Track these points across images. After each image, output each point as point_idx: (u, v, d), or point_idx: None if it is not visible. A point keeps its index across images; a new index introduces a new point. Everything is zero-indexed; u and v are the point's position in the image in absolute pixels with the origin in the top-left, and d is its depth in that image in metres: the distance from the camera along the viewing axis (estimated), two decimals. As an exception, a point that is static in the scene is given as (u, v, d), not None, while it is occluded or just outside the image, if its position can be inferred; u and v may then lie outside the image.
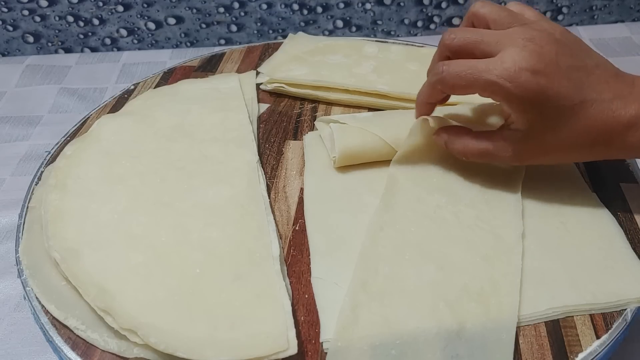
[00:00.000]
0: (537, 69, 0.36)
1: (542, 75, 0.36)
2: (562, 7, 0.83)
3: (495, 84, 0.37)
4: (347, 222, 0.43)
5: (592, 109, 0.36)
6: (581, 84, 0.37)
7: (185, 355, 0.32)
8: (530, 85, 0.36)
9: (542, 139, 0.38)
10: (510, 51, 0.37)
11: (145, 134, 0.50)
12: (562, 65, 0.37)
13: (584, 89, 0.37)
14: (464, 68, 0.38)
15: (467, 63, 0.38)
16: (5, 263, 0.48)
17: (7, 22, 0.79)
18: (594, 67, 0.38)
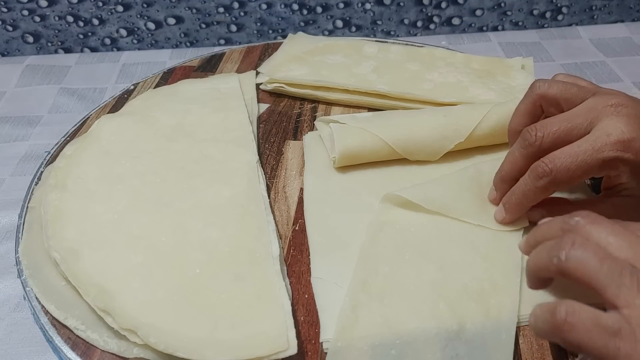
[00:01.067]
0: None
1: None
2: (562, 7, 0.83)
3: (615, 160, 0.34)
4: (347, 222, 0.43)
5: None
6: None
7: (185, 356, 0.32)
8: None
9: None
10: (608, 122, 0.35)
11: (145, 134, 0.50)
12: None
13: None
14: (571, 159, 0.35)
15: (569, 152, 0.35)
16: (5, 263, 0.48)
17: (6, 22, 0.79)
18: None
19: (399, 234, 0.41)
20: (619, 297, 0.25)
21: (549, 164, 0.36)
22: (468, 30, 0.84)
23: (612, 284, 0.26)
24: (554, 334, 0.27)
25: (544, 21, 0.84)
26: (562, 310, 0.26)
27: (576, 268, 0.27)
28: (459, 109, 0.49)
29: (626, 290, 0.25)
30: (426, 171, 0.47)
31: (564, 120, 0.36)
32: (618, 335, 0.24)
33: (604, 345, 0.25)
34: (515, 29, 0.85)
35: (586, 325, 0.25)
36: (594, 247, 0.27)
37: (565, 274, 0.27)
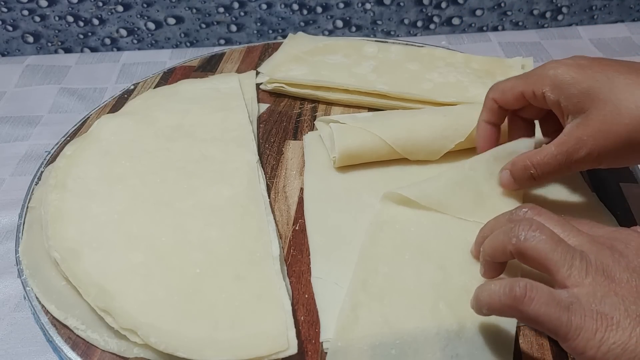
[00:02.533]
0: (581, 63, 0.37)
1: (587, 67, 0.36)
2: (562, 7, 0.83)
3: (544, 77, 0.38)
4: (347, 222, 0.43)
5: None
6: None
7: (185, 355, 0.32)
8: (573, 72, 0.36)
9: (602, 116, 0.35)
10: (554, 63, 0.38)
11: (145, 134, 0.50)
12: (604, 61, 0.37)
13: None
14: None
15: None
16: (5, 263, 0.48)
17: (7, 22, 0.79)
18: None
19: (398, 234, 0.41)
20: (570, 277, 0.28)
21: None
22: (468, 30, 0.84)
23: (564, 265, 0.28)
24: (511, 308, 0.29)
25: (544, 21, 0.84)
26: (522, 285, 0.28)
27: (534, 248, 0.29)
28: (459, 109, 0.49)
29: (576, 271, 0.28)
30: (426, 171, 0.47)
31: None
32: (570, 309, 0.27)
33: (557, 317, 0.27)
34: (515, 29, 0.85)
35: (543, 299, 0.28)
36: (549, 231, 0.30)
37: (522, 254, 0.30)
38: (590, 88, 0.35)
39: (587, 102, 0.35)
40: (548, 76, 0.37)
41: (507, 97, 0.41)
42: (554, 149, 0.37)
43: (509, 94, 0.41)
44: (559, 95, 0.37)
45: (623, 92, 0.34)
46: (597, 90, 0.35)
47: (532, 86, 0.39)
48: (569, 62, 0.37)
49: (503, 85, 0.41)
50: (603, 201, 0.44)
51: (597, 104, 0.35)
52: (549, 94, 0.37)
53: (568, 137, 0.36)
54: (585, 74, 0.36)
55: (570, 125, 0.36)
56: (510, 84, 0.41)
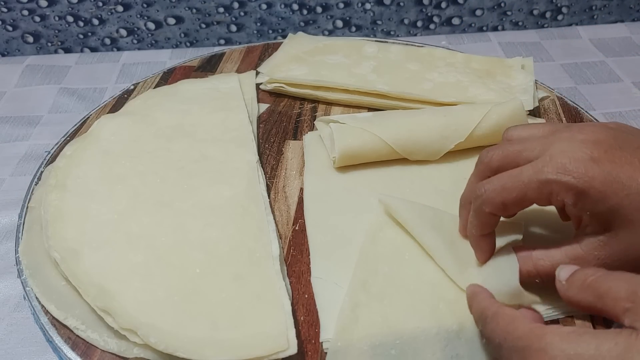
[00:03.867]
0: (596, 156, 0.30)
1: (606, 161, 0.30)
2: (562, 7, 0.83)
3: (552, 183, 0.31)
4: (347, 222, 0.43)
5: None
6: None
7: (185, 355, 0.32)
8: (594, 174, 0.30)
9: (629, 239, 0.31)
10: (558, 146, 0.31)
11: (145, 134, 0.50)
12: (627, 148, 0.31)
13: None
14: (508, 179, 0.32)
15: (510, 173, 0.33)
16: (5, 263, 0.48)
17: (6, 22, 0.79)
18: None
19: (399, 234, 0.41)
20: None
21: (485, 183, 0.34)
22: (468, 30, 0.84)
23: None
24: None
25: (544, 21, 0.84)
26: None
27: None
28: (459, 109, 0.49)
29: None
30: (426, 171, 0.47)
31: (519, 143, 0.34)
32: None
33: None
34: (515, 29, 0.85)
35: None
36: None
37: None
38: (619, 207, 0.30)
39: (616, 221, 0.31)
40: (570, 187, 0.31)
41: (510, 210, 0.34)
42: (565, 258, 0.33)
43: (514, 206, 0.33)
44: (582, 210, 0.31)
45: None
46: (626, 209, 0.30)
47: (548, 196, 0.32)
48: (582, 154, 0.31)
49: (504, 197, 0.33)
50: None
51: (627, 225, 0.30)
52: (571, 208, 0.32)
53: (586, 254, 0.32)
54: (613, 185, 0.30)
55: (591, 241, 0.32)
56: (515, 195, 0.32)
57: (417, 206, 0.41)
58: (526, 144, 0.34)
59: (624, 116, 0.64)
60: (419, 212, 0.41)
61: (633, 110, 0.65)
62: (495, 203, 0.33)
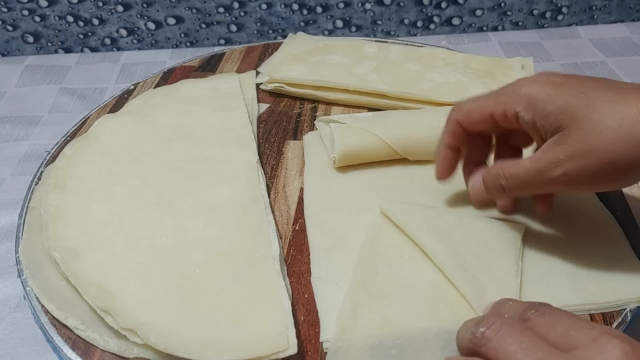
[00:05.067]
0: (551, 79, 0.34)
1: (559, 81, 0.34)
2: (562, 7, 0.83)
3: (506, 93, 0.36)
4: (347, 222, 0.43)
5: None
6: None
7: (185, 355, 0.32)
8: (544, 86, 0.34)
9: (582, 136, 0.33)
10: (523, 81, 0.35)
11: (145, 134, 0.50)
12: (584, 77, 0.35)
13: None
14: (476, 97, 0.37)
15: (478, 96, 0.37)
16: (5, 263, 0.48)
17: (7, 22, 0.79)
18: None
19: (399, 234, 0.41)
20: None
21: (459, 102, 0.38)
22: (468, 30, 0.84)
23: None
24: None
25: (544, 21, 0.84)
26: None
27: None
28: None
29: None
30: (426, 171, 0.47)
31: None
32: None
33: None
34: (515, 29, 0.85)
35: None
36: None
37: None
38: (568, 105, 0.33)
39: (565, 120, 0.33)
40: (521, 94, 0.35)
41: (473, 119, 0.38)
42: (528, 163, 0.34)
43: (476, 115, 0.37)
44: (534, 114, 0.34)
45: (603, 110, 0.32)
46: (575, 107, 0.32)
47: (502, 106, 0.36)
48: (541, 79, 0.35)
49: (468, 105, 0.38)
50: (603, 201, 0.44)
51: (576, 122, 0.32)
52: (523, 113, 0.35)
53: (544, 154, 0.34)
54: (561, 91, 0.33)
55: (548, 143, 0.34)
56: (477, 103, 0.37)
57: (416, 209, 0.41)
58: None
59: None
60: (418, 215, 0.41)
61: (633, 110, 0.65)
62: (462, 110, 0.38)
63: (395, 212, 0.41)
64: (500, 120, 0.36)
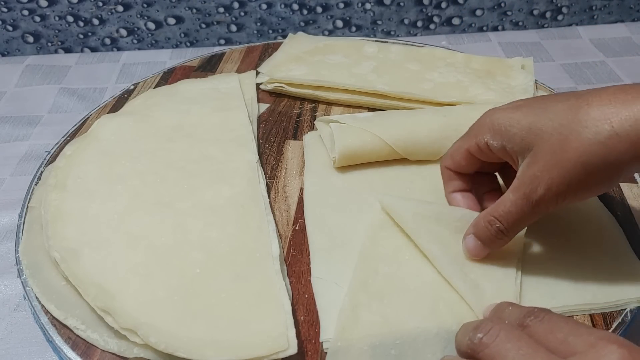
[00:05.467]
0: (516, 104, 0.35)
1: (523, 104, 0.35)
2: (562, 7, 0.83)
3: (477, 127, 0.37)
4: (347, 221, 0.43)
5: None
6: None
7: (185, 355, 0.32)
8: (509, 112, 0.35)
9: (553, 150, 0.32)
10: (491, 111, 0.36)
11: (145, 134, 0.50)
12: (546, 97, 0.35)
13: None
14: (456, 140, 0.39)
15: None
16: (5, 263, 0.48)
17: (7, 22, 0.79)
18: None
19: (399, 234, 0.41)
20: None
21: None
22: (468, 30, 0.84)
23: None
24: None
25: (544, 21, 0.84)
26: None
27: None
28: (459, 109, 0.49)
29: None
30: (426, 171, 0.47)
31: None
32: None
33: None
34: (515, 29, 0.85)
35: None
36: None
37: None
38: (531, 124, 0.33)
39: (532, 138, 0.33)
40: (486, 124, 0.36)
41: (457, 161, 0.39)
42: (512, 195, 0.34)
43: (458, 157, 0.39)
44: (501, 139, 0.35)
45: (565, 118, 0.32)
46: (537, 123, 0.33)
47: (474, 139, 0.37)
48: (505, 106, 0.36)
49: (450, 150, 0.40)
50: (603, 201, 0.44)
51: (542, 136, 0.32)
52: (491, 141, 0.35)
53: (522, 178, 0.33)
54: (522, 112, 0.34)
55: (522, 167, 0.34)
56: (456, 145, 0.39)
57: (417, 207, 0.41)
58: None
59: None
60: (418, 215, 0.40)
61: (633, 110, 0.65)
62: (447, 156, 0.40)
63: (395, 210, 0.41)
64: (477, 154, 0.37)
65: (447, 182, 0.41)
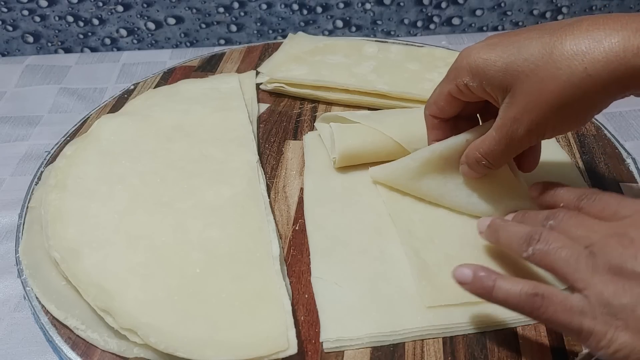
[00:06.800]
0: (490, 42, 0.36)
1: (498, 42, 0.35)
2: (562, 7, 0.83)
3: (455, 70, 0.38)
4: (347, 221, 0.43)
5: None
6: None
7: (185, 355, 0.32)
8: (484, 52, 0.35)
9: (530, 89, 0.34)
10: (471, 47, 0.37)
11: (145, 134, 0.50)
12: (521, 30, 0.35)
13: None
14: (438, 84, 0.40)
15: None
16: (5, 263, 0.48)
17: (7, 22, 0.79)
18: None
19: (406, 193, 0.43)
20: (578, 281, 0.29)
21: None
22: (468, 30, 0.84)
23: (572, 271, 0.29)
24: (528, 312, 0.30)
25: (544, 21, 0.84)
26: (539, 293, 0.29)
27: (541, 259, 0.31)
28: None
29: (583, 274, 0.29)
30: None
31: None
32: (582, 313, 0.28)
33: (570, 323, 0.28)
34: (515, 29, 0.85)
35: (558, 307, 0.29)
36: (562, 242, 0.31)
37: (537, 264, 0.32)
38: (506, 65, 0.34)
39: (509, 79, 0.34)
40: (463, 67, 0.36)
41: (441, 106, 0.40)
42: (495, 134, 0.36)
43: (441, 102, 0.39)
44: (480, 81, 0.36)
45: (540, 58, 0.32)
46: (513, 65, 0.33)
47: (453, 82, 0.37)
48: (480, 44, 0.36)
49: (432, 96, 0.40)
50: (603, 201, 0.44)
51: (518, 77, 0.33)
52: (471, 83, 0.36)
53: (503, 119, 0.35)
54: (497, 53, 0.34)
55: (503, 107, 0.35)
56: (437, 91, 0.40)
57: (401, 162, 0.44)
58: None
59: (624, 116, 0.64)
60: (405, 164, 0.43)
61: (633, 110, 0.65)
62: (429, 104, 0.40)
63: (385, 175, 0.44)
64: (459, 95, 0.38)
65: (430, 130, 0.42)
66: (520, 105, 0.33)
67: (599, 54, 0.30)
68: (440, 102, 0.39)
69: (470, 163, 0.39)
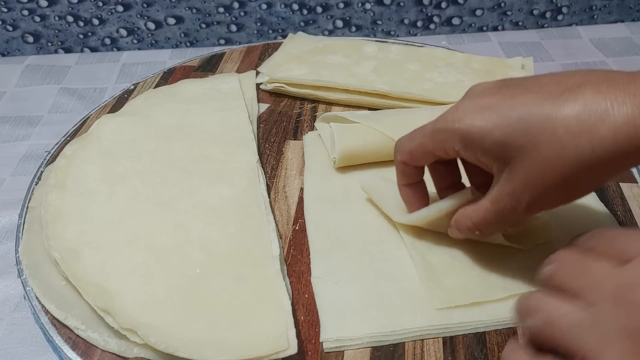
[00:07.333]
0: (485, 103, 0.32)
1: (493, 104, 0.32)
2: (562, 7, 0.83)
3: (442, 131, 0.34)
4: (347, 221, 0.43)
5: None
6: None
7: (185, 355, 0.32)
8: (478, 117, 0.32)
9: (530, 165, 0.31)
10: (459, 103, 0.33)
11: (145, 134, 0.50)
12: (512, 84, 0.33)
13: None
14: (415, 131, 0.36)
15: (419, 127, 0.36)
16: (5, 263, 0.48)
17: (7, 22, 0.79)
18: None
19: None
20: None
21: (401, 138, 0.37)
22: (468, 30, 0.84)
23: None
24: None
25: (544, 21, 0.84)
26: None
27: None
28: None
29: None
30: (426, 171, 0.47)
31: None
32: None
33: None
34: (515, 29, 0.85)
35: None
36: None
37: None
38: (504, 137, 0.30)
39: (507, 153, 0.31)
40: (454, 132, 0.33)
41: (416, 158, 0.36)
42: (490, 206, 0.33)
43: (419, 155, 0.36)
44: (473, 152, 0.32)
45: (541, 132, 0.29)
46: (512, 138, 0.30)
47: (441, 144, 0.34)
48: (472, 105, 0.32)
49: (409, 145, 0.36)
50: (603, 201, 0.44)
51: (518, 153, 0.30)
52: (463, 151, 0.33)
53: (500, 193, 0.32)
54: (493, 120, 0.31)
55: (499, 181, 0.32)
56: (417, 143, 0.36)
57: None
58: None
59: (624, 116, 0.64)
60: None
61: (633, 110, 0.65)
62: (404, 151, 0.37)
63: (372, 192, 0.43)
64: (443, 155, 0.35)
65: (400, 175, 0.39)
66: (520, 181, 0.31)
67: (607, 132, 0.28)
68: (417, 154, 0.36)
69: (461, 230, 0.36)
